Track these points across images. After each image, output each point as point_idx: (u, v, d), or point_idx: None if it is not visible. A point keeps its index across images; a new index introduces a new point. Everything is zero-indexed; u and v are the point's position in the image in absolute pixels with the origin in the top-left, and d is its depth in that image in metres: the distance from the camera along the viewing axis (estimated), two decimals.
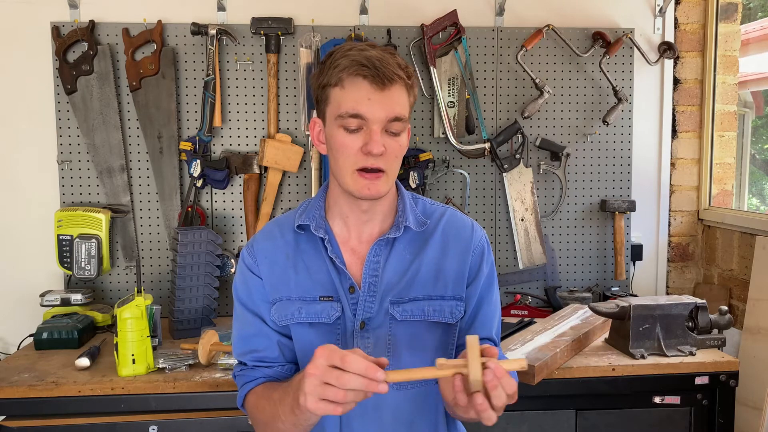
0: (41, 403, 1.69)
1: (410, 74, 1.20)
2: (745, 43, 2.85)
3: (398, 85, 1.17)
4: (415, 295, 1.25)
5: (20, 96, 2.31)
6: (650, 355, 1.87)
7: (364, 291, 1.23)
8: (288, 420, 1.11)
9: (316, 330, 1.24)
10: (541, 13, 2.47)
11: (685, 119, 2.60)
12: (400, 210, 1.28)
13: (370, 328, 1.23)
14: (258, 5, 2.34)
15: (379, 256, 1.25)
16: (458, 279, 1.27)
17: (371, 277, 1.24)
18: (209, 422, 1.73)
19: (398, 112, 1.16)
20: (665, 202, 2.60)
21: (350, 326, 1.23)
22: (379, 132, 1.15)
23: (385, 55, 1.17)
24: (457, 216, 1.33)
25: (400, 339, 1.24)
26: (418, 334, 1.24)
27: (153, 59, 2.29)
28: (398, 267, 1.25)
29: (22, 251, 2.34)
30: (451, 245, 1.28)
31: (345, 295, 1.24)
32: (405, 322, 1.24)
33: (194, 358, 1.82)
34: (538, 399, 1.80)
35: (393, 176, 1.22)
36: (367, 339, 1.23)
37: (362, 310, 1.23)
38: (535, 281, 2.53)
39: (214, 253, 2.17)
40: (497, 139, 2.41)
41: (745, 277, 2.33)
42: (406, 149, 1.23)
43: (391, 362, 1.23)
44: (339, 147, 1.18)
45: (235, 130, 2.39)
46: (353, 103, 1.14)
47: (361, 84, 1.14)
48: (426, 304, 1.24)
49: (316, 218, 1.26)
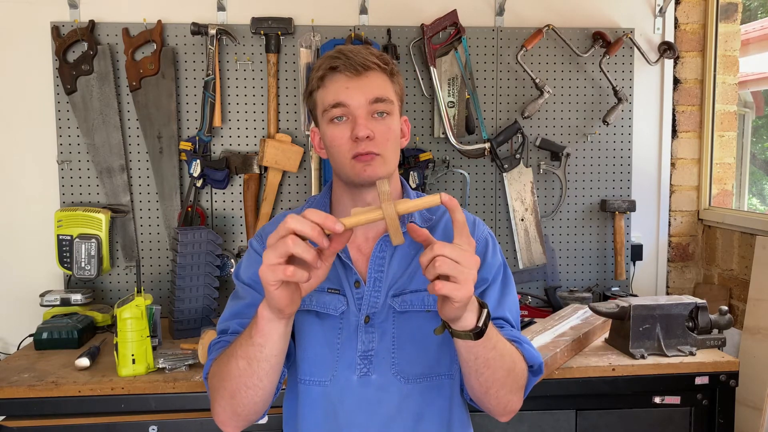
0: (41, 403, 1.69)
1: (386, 61, 1.23)
2: (745, 43, 2.84)
3: (375, 72, 1.20)
4: (416, 287, 1.25)
5: (20, 96, 2.31)
6: (650, 355, 1.87)
7: (369, 286, 1.24)
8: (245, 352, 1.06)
9: (321, 320, 1.24)
10: (541, 13, 2.47)
11: (685, 119, 2.60)
12: None
13: (375, 323, 1.23)
14: (258, 5, 2.34)
15: (385, 252, 1.25)
16: None
17: (377, 272, 1.24)
18: (209, 422, 1.73)
19: (378, 93, 1.19)
20: (665, 202, 2.60)
21: (354, 321, 1.23)
22: (363, 116, 1.18)
23: (358, 47, 1.23)
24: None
25: (403, 332, 1.24)
26: (421, 326, 1.24)
27: (153, 59, 2.29)
28: (402, 262, 1.26)
29: (22, 251, 2.34)
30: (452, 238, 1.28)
31: (350, 290, 1.24)
32: (406, 313, 1.24)
33: (194, 358, 1.82)
34: (538, 399, 1.80)
35: (390, 161, 1.22)
36: (371, 333, 1.23)
37: (367, 304, 1.23)
38: (535, 281, 2.53)
39: (214, 253, 2.16)
40: (497, 139, 2.41)
41: (745, 277, 2.33)
42: (398, 134, 1.24)
43: (396, 356, 1.23)
44: (331, 141, 1.21)
45: (235, 130, 2.39)
46: (333, 95, 1.19)
47: (338, 77, 1.19)
48: (426, 295, 1.24)
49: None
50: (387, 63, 1.23)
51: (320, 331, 1.24)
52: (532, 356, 1.25)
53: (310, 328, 1.25)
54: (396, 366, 1.23)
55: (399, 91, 1.26)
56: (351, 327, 1.23)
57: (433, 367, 1.24)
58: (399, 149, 1.26)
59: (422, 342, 1.24)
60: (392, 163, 1.23)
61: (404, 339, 1.24)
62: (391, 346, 1.24)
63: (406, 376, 1.23)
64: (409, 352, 1.24)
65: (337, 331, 1.24)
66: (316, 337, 1.24)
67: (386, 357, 1.23)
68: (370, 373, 1.23)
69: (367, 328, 1.23)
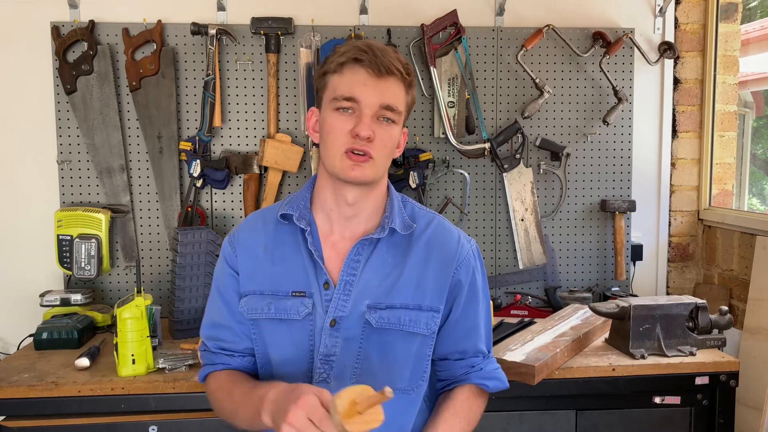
0: (41, 403, 1.69)
1: (409, 72, 1.22)
2: (745, 43, 2.84)
3: (395, 79, 1.19)
4: (393, 303, 1.23)
5: (20, 96, 2.31)
6: (650, 355, 1.87)
7: (339, 289, 1.23)
8: (244, 423, 1.19)
9: (286, 325, 1.24)
10: (541, 13, 2.47)
11: (685, 119, 2.60)
12: (388, 211, 1.28)
13: (341, 328, 1.23)
14: (258, 5, 2.34)
15: (360, 256, 1.24)
16: (438, 291, 1.26)
17: (349, 275, 1.23)
18: (209, 422, 1.73)
19: (391, 101, 1.19)
20: (665, 202, 2.60)
21: (320, 323, 1.23)
22: (370, 117, 1.17)
23: (387, 48, 1.21)
24: (444, 226, 1.32)
25: (372, 344, 1.23)
26: (391, 342, 1.23)
27: (153, 59, 2.29)
28: (378, 270, 1.24)
29: (22, 251, 2.34)
30: (434, 255, 1.27)
31: (319, 291, 1.23)
32: (380, 329, 1.23)
33: (194, 358, 1.82)
34: (538, 399, 1.80)
35: (381, 166, 1.22)
36: (335, 338, 1.22)
37: (334, 308, 1.22)
38: (535, 281, 2.53)
39: (214, 253, 2.16)
40: (497, 139, 2.41)
41: (745, 277, 2.33)
42: (396, 144, 1.24)
43: (359, 366, 1.23)
44: (329, 128, 1.20)
45: (235, 130, 2.39)
46: (349, 87, 1.18)
47: (359, 70, 1.18)
48: (403, 313, 1.23)
49: (300, 208, 1.27)
50: (409, 74, 1.22)
51: (285, 336, 1.24)
52: (497, 387, 1.32)
53: (274, 333, 1.25)
54: (357, 376, 1.22)
55: (410, 103, 1.25)
56: (315, 329, 1.23)
57: (394, 382, 1.23)
58: (391, 158, 1.26)
59: (388, 357, 1.24)
60: (382, 168, 1.23)
61: (371, 351, 1.23)
62: (356, 355, 1.23)
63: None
64: (373, 365, 1.23)
65: (302, 334, 1.24)
66: (280, 340, 1.25)
67: (348, 365, 1.22)
68: (329, 380, 1.22)
69: (332, 332, 1.22)
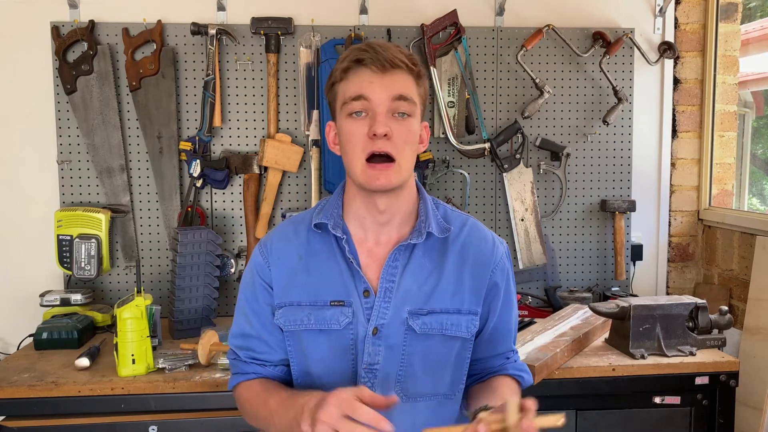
0: (41, 403, 1.69)
1: (415, 62, 1.20)
2: (745, 43, 2.84)
3: (401, 71, 1.17)
4: (434, 308, 1.22)
5: (20, 96, 2.31)
6: (650, 355, 1.87)
7: (380, 296, 1.21)
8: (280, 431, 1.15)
9: (326, 335, 1.21)
10: (541, 13, 2.47)
11: (685, 119, 2.60)
12: (422, 215, 1.25)
13: (383, 336, 1.21)
14: (258, 5, 2.34)
15: (398, 262, 1.22)
16: (475, 293, 1.25)
17: (388, 282, 1.21)
18: (209, 422, 1.73)
19: (402, 91, 1.16)
20: (665, 202, 2.60)
21: (362, 331, 1.20)
22: (383, 114, 1.15)
23: (388, 43, 1.20)
24: (479, 228, 1.30)
25: (414, 350, 1.22)
26: (433, 347, 1.22)
27: (153, 59, 2.29)
28: (417, 275, 1.23)
29: (22, 251, 2.34)
30: (470, 258, 1.25)
31: (359, 299, 1.21)
32: (423, 335, 1.22)
33: (194, 358, 1.82)
34: (538, 399, 1.79)
35: (406, 167, 1.18)
36: (378, 346, 1.21)
37: (376, 315, 1.20)
38: (535, 281, 2.53)
39: (214, 253, 2.16)
40: (497, 139, 2.41)
41: (745, 277, 2.33)
42: (417, 138, 1.21)
43: (403, 372, 1.22)
44: (347, 136, 1.18)
45: (234, 130, 2.39)
46: (356, 87, 1.16)
47: (363, 71, 1.16)
48: (444, 318, 1.22)
49: (334, 217, 1.24)
50: (415, 64, 1.20)
51: (326, 346, 1.22)
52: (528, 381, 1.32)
53: (315, 344, 1.23)
54: (401, 383, 1.22)
55: (423, 95, 1.22)
56: (357, 338, 1.21)
57: (437, 388, 1.23)
58: (416, 154, 1.22)
59: (431, 363, 1.23)
60: (407, 169, 1.19)
61: (414, 357, 1.22)
62: (399, 362, 1.21)
63: (409, 394, 1.22)
64: (416, 371, 1.22)
65: (343, 343, 1.21)
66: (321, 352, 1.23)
67: (392, 372, 1.21)
68: (373, 388, 1.20)
69: (375, 340, 1.20)
